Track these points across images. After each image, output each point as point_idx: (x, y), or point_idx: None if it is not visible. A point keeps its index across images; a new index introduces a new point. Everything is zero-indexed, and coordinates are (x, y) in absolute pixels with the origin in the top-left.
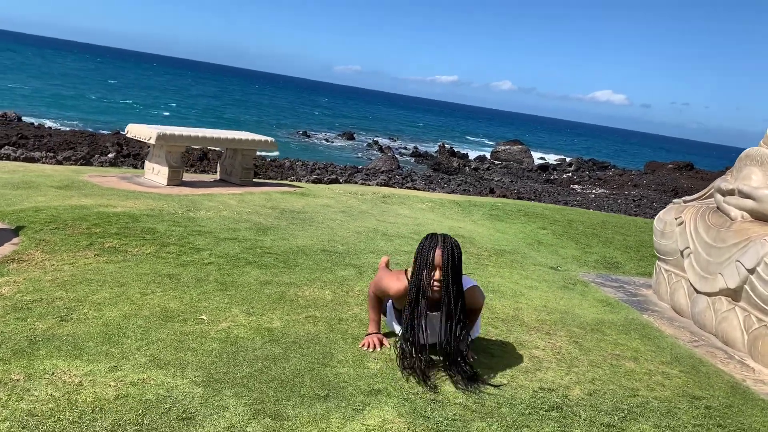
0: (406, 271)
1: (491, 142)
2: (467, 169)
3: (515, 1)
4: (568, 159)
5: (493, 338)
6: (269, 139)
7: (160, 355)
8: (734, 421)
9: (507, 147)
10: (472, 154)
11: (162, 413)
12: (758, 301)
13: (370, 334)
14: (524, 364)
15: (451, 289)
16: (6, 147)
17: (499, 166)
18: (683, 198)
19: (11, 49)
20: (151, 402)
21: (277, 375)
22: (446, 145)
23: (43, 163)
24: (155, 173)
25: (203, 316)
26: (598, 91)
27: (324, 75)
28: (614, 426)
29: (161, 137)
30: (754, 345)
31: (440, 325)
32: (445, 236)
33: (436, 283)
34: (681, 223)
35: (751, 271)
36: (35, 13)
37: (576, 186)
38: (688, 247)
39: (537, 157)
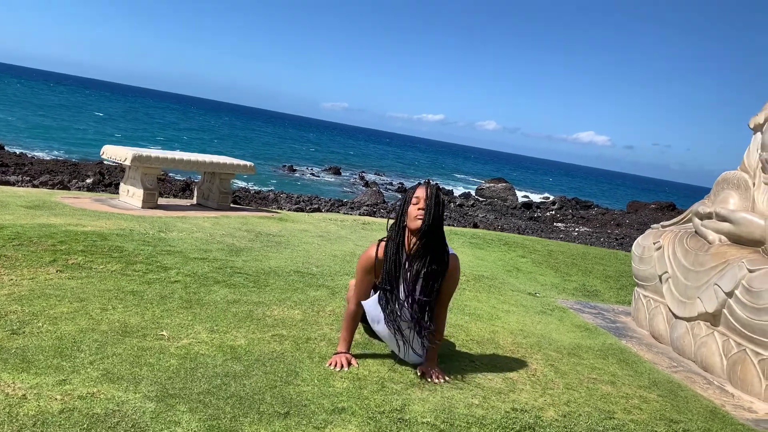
0: (380, 240)
1: (476, 180)
2: (452, 205)
3: (499, 42)
4: (551, 197)
5: (467, 360)
6: (248, 163)
7: (113, 370)
8: None
9: (491, 185)
10: (457, 191)
11: (109, 428)
12: (737, 325)
13: (339, 353)
14: (497, 386)
15: (432, 220)
16: None
17: (483, 203)
18: (661, 223)
19: None
20: (99, 416)
21: (236, 392)
22: (432, 182)
23: (19, 186)
24: (130, 195)
25: (164, 332)
26: (581, 132)
27: (311, 111)
28: None
29: (137, 158)
30: (733, 370)
31: (418, 281)
32: (428, 181)
33: (419, 212)
34: (659, 248)
35: (729, 294)
36: (20, 45)
37: (559, 224)
38: (666, 272)
39: (521, 195)
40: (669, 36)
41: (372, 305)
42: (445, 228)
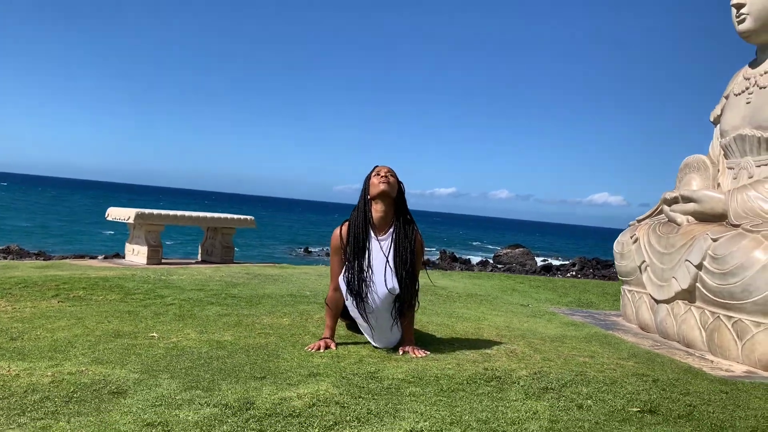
0: (345, 220)
1: (492, 247)
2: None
3: (509, 113)
4: (571, 260)
5: (447, 344)
6: (248, 217)
7: (103, 357)
8: (680, 389)
9: (508, 251)
10: (474, 259)
11: (94, 390)
12: (709, 295)
13: (321, 338)
14: (473, 357)
15: (398, 186)
16: None
17: (502, 269)
18: (637, 218)
19: (18, 189)
20: (86, 384)
21: (218, 366)
22: (447, 252)
23: (30, 260)
24: (135, 254)
25: (154, 334)
26: (594, 194)
27: (324, 195)
28: (552, 389)
29: (140, 216)
30: (711, 339)
31: (389, 250)
32: None
33: (382, 178)
34: (636, 241)
35: (699, 266)
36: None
37: None
38: (644, 261)
39: (539, 260)
40: (679, 88)
41: (343, 279)
42: (447, 280)
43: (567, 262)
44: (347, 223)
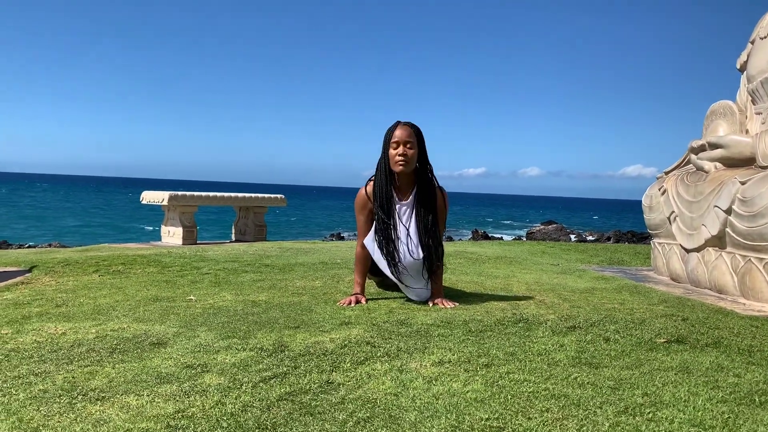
0: (370, 179)
1: (524, 225)
2: None
3: (538, 89)
4: (606, 234)
5: (477, 297)
6: (279, 196)
7: (143, 317)
8: (709, 324)
9: (542, 227)
10: (507, 237)
11: (136, 342)
12: (739, 239)
13: (352, 294)
14: (502, 306)
15: (415, 160)
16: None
17: None
18: (665, 170)
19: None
20: (128, 338)
21: (253, 320)
22: (479, 231)
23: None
24: (170, 236)
25: (191, 297)
26: (628, 166)
27: (353, 181)
28: (579, 327)
29: (173, 198)
30: (742, 282)
31: (410, 219)
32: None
33: (399, 158)
34: (664, 192)
35: (728, 211)
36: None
37: None
38: (673, 211)
39: (573, 237)
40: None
41: (371, 240)
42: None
43: (603, 236)
44: (371, 182)
